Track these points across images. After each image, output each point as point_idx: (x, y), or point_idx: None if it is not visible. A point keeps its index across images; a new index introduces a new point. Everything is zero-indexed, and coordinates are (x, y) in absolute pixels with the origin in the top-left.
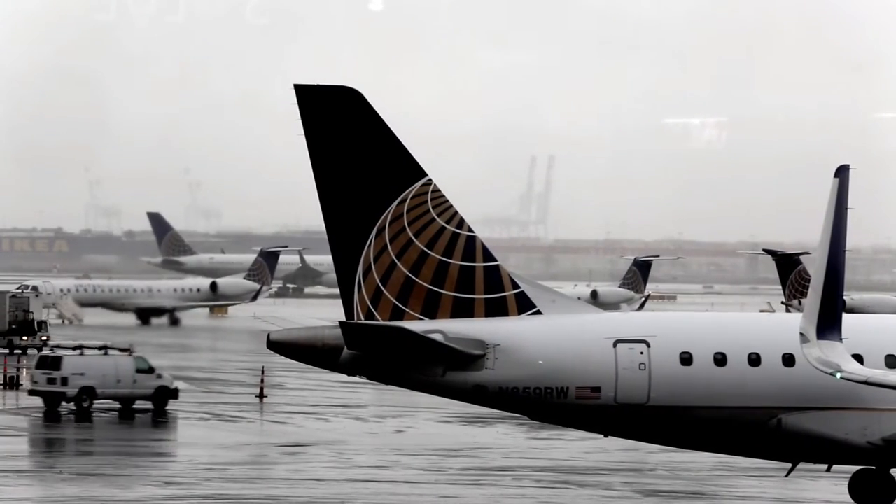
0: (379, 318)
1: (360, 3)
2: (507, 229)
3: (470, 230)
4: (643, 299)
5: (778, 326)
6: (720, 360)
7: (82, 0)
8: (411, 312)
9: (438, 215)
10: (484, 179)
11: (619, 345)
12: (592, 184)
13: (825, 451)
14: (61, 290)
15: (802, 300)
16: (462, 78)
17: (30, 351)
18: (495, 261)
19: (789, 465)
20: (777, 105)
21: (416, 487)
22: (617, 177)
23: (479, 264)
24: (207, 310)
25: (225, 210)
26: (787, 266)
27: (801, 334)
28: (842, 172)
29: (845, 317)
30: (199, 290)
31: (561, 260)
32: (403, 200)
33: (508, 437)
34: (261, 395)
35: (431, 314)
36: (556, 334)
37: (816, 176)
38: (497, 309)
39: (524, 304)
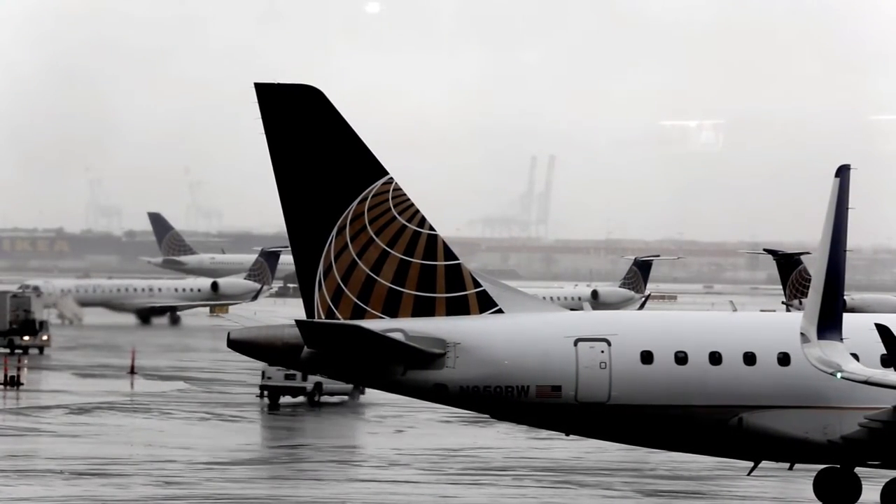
0: (340, 316)
1: (360, 4)
2: (508, 229)
3: (431, 229)
4: (643, 299)
5: (740, 325)
6: (681, 358)
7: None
8: (372, 311)
9: (399, 214)
10: (484, 179)
11: (580, 343)
12: (593, 184)
13: (786, 449)
14: (62, 290)
15: (803, 300)
16: (463, 78)
17: (30, 350)
18: (457, 259)
19: (751, 464)
20: (777, 106)
21: (416, 487)
22: (617, 177)
23: (441, 263)
24: (208, 309)
25: (225, 210)
26: (788, 266)
27: (802, 334)
28: (842, 172)
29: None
30: (199, 289)
31: (561, 260)
32: (364, 199)
33: (508, 437)
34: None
35: (392, 313)
36: (517, 333)
37: (816, 176)
38: (458, 308)
39: (485, 303)
